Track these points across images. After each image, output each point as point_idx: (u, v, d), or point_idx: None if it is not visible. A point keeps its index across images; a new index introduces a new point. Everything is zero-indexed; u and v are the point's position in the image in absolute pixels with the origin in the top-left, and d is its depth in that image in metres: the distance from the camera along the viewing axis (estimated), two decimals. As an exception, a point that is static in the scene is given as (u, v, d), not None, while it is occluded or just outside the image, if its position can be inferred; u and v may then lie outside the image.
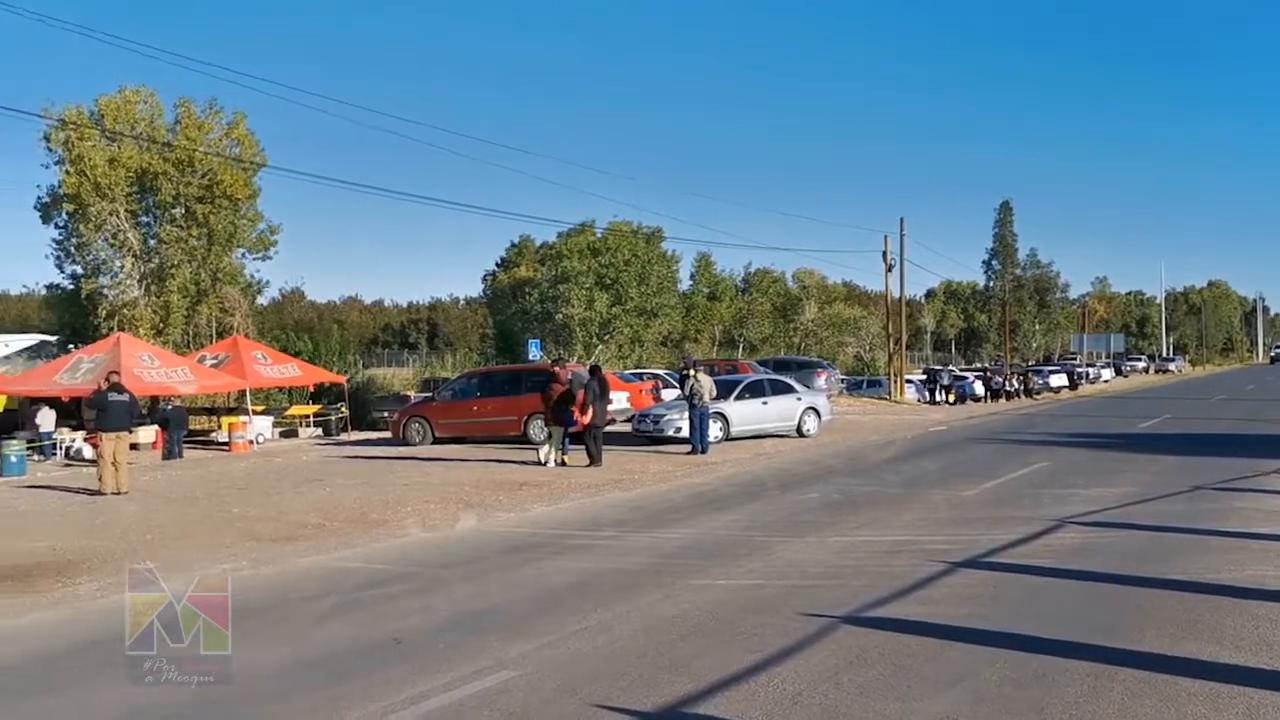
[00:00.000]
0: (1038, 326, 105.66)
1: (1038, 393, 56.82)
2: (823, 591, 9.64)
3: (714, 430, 24.84)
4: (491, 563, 11.86)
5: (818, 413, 28.14)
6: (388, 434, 29.95)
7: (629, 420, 28.33)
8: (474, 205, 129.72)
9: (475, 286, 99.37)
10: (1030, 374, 59.13)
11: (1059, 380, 62.37)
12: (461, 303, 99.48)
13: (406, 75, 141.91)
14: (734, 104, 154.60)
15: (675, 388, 32.52)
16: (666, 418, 26.07)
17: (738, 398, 26.68)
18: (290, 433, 33.08)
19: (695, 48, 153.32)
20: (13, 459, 22.75)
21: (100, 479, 18.22)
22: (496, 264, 66.27)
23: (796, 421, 27.44)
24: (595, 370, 23.26)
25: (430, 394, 31.64)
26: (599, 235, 53.29)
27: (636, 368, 43.92)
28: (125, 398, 19.05)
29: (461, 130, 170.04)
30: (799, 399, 28.07)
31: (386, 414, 33.44)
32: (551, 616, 8.96)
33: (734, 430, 26.10)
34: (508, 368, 35.48)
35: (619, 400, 28.38)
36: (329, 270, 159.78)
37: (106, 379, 19.64)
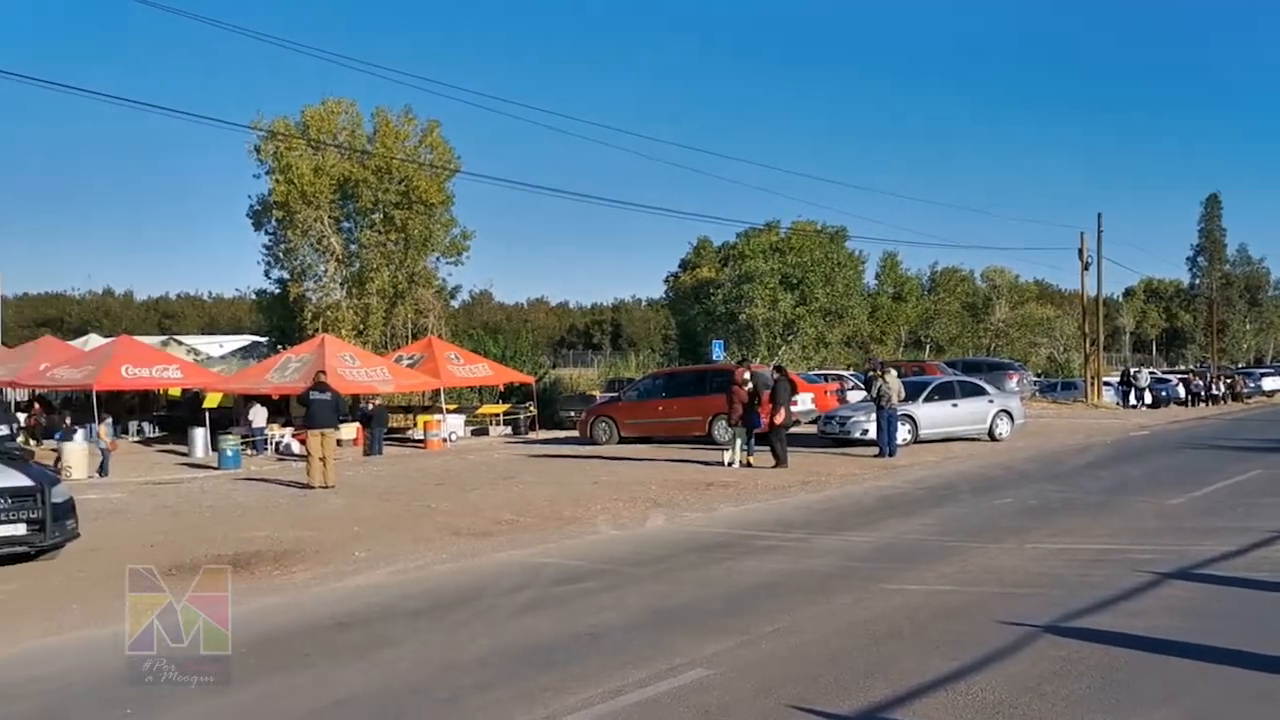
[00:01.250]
0: (1248, 326, 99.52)
1: (1248, 396, 53.64)
2: (1021, 599, 9.36)
3: (902, 433, 24.40)
4: (681, 561, 11.98)
5: (1010, 415, 27.30)
6: (574, 433, 30.50)
7: (813, 422, 28.10)
8: (657, 206, 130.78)
9: (657, 288, 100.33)
10: (1239, 377, 55.85)
11: (1272, 383, 58.69)
12: (644, 304, 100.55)
13: (591, 80, 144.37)
14: (921, 99, 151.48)
15: (860, 389, 32.07)
16: (853, 419, 25.74)
17: (926, 399, 26.12)
18: (481, 431, 34.09)
19: (880, 44, 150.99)
20: (229, 453, 24.22)
21: (309, 473, 19.21)
22: (679, 265, 66.65)
23: (988, 424, 26.68)
24: (780, 371, 23.16)
25: (616, 394, 32.09)
26: (783, 235, 53.03)
27: (821, 369, 43.51)
28: (330, 396, 20.04)
29: (645, 133, 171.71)
30: (990, 401, 27.28)
31: (573, 413, 34.08)
32: (743, 616, 8.99)
33: (922, 433, 25.57)
34: (693, 368, 35.68)
35: (804, 401, 28.18)
36: (516, 273, 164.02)
37: (314, 378, 20.70)
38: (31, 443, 25.16)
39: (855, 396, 31.30)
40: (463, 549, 12.90)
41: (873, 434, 24.13)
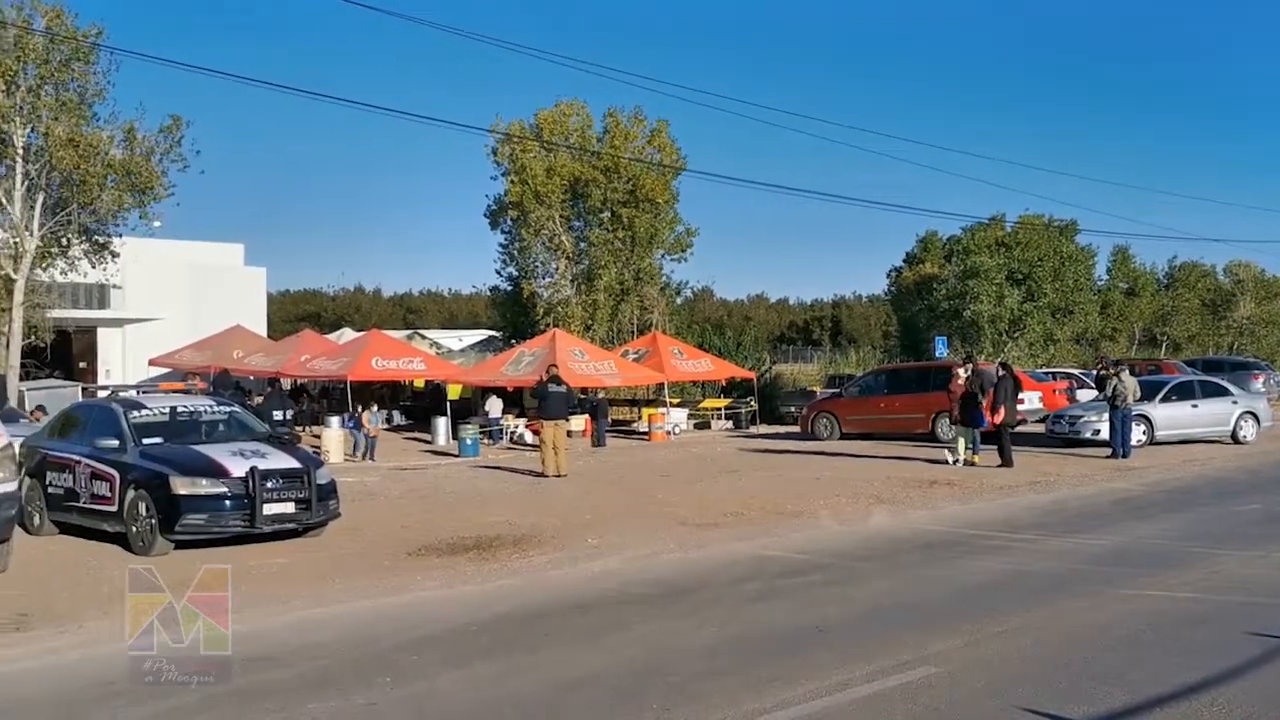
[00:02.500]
0: None
1: None
2: (1272, 611, 8.94)
3: (1136, 434, 23.32)
4: (906, 558, 11.96)
5: (1256, 417, 25.63)
6: (795, 428, 30.51)
7: (1041, 421, 27.16)
8: (878, 201, 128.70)
9: (879, 283, 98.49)
10: None
11: None
12: (864, 300, 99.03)
13: (813, 75, 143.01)
14: (1154, 88, 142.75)
15: (1090, 388, 30.78)
16: (1084, 419, 24.77)
17: (1163, 399, 24.84)
18: (703, 425, 34.48)
19: (1113, 31, 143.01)
20: (468, 441, 25.46)
21: (543, 462, 20.04)
22: (902, 260, 65.32)
23: (1231, 426, 25.14)
24: (1006, 368, 22.55)
25: (837, 390, 31.88)
26: (1009, 229, 51.25)
27: (1048, 366, 41.87)
28: (563, 389, 20.83)
29: (868, 126, 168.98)
30: (1234, 402, 25.68)
31: (794, 409, 34.04)
32: (970, 616, 8.94)
33: (1158, 434, 24.33)
34: (916, 365, 35.02)
35: (1031, 400, 27.24)
36: (737, 269, 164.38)
37: (547, 371, 21.56)
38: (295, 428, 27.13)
39: (1085, 395, 30.02)
40: (689, 539, 13.23)
41: (1104, 434, 23.16)
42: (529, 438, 28.04)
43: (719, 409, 35.25)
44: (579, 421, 29.34)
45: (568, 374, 26.91)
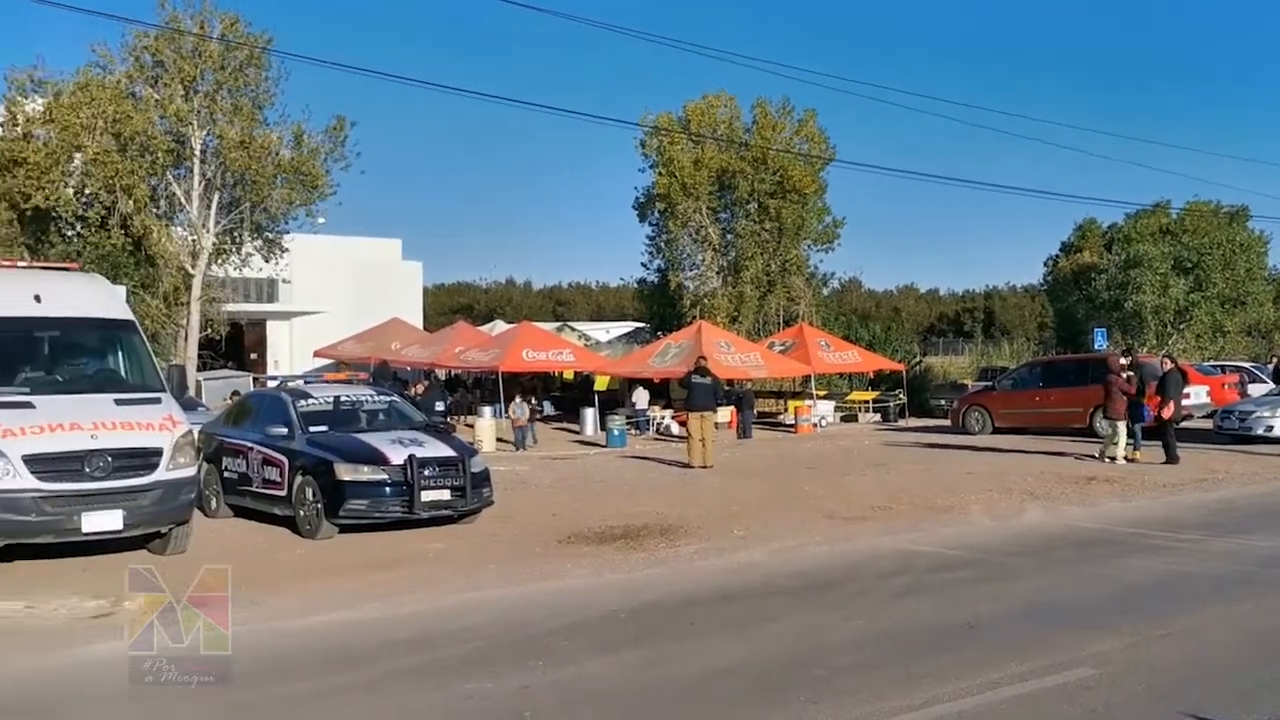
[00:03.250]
0: None
1: None
2: None
3: (1317, 431, 22.12)
4: (1062, 555, 11.65)
5: None
6: (945, 421, 29.90)
7: (1208, 416, 25.99)
8: (1032, 189, 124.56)
9: (1034, 273, 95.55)
10: None
11: None
12: (1019, 290, 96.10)
13: (966, 60, 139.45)
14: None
15: (1262, 381, 29.30)
16: (1256, 415, 23.61)
17: (1350, 394, 23.49)
18: (850, 417, 34.12)
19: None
20: (616, 432, 25.79)
21: (689, 453, 20.15)
22: (1059, 249, 63.14)
23: None
24: (1171, 361, 21.66)
25: (989, 383, 31.13)
26: (1174, 216, 49.12)
27: (1217, 359, 40.01)
28: (708, 381, 20.90)
29: (1019, 111, 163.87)
30: None
31: (944, 402, 33.38)
32: (1130, 616, 8.68)
33: (1343, 432, 23.00)
34: (1073, 357, 33.90)
35: (1197, 394, 26.10)
36: (886, 259, 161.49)
37: (695, 363, 21.68)
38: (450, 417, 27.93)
39: (1257, 390, 28.58)
40: (836, 532, 13.14)
41: (1279, 431, 22.06)
42: (675, 429, 28.21)
43: (866, 402, 34.84)
44: (725, 413, 29.38)
45: (714, 366, 26.98)
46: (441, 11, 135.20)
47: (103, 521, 10.39)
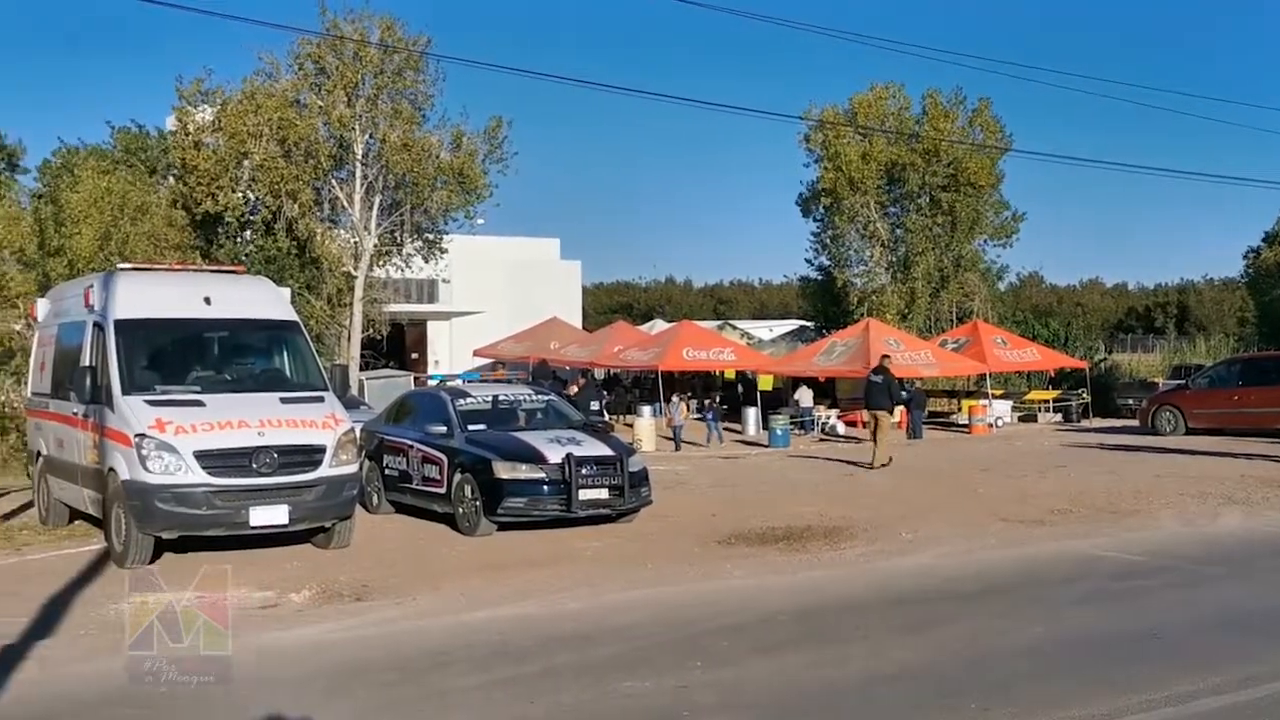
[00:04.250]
0: None
1: None
2: None
3: None
4: (1263, 564, 10.83)
5: None
6: (1132, 422, 28.47)
7: None
8: (1232, 176, 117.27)
9: (1233, 265, 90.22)
10: None
11: None
12: (1216, 283, 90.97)
13: (1147, 43, 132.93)
14: None
15: None
16: None
17: None
18: (1029, 417, 32.83)
19: None
20: (779, 431, 25.36)
21: (874, 453, 19.51)
22: (1261, 238, 59.38)
23: None
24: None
25: (1182, 381, 29.45)
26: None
27: None
28: (880, 379, 20.31)
29: (1219, 95, 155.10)
30: None
31: (1131, 401, 31.77)
32: (1344, 631, 7.90)
33: None
34: (1276, 354, 31.75)
35: None
36: (1069, 252, 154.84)
37: (878, 361, 21.12)
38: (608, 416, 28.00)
39: None
40: (1011, 536, 12.53)
41: None
42: (841, 429, 27.68)
43: (1047, 401, 33.41)
44: (895, 413, 28.62)
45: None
46: (599, 7, 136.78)
47: (269, 516, 10.67)
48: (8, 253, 27.15)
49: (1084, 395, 32.09)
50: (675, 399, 26.56)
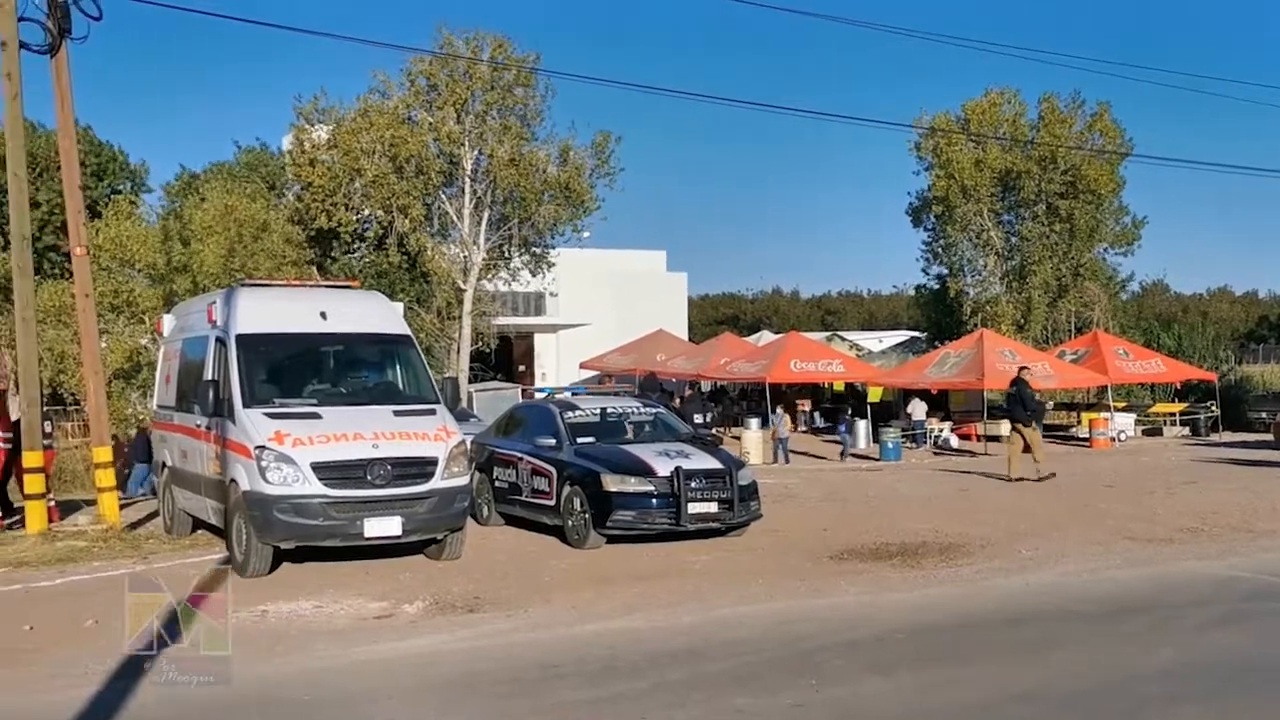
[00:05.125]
0: None
1: None
2: None
3: None
4: None
5: None
6: (1265, 436, 27.35)
7: None
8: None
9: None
10: None
11: None
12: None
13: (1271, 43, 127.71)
14: None
15: None
16: None
17: None
18: (1153, 431, 31.74)
19: None
20: (890, 445, 24.95)
21: (1011, 466, 19.00)
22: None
23: None
24: None
25: (1319, 393, 28.18)
26: None
27: None
28: (1014, 390, 19.78)
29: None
30: None
31: (1265, 414, 30.49)
32: None
33: None
34: None
35: None
36: (1195, 260, 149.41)
37: (1016, 373, 20.62)
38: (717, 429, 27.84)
39: None
40: (1137, 555, 12.06)
41: None
42: (954, 442, 27.14)
43: (1172, 414, 32.26)
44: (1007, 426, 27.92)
45: (996, 376, 25.68)
46: (703, 18, 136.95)
47: (383, 527, 10.81)
48: (137, 269, 28.18)
49: (1213, 408, 30.91)
50: (778, 411, 26.31)
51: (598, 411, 14.48)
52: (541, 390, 35.67)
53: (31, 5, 13.43)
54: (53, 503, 13.97)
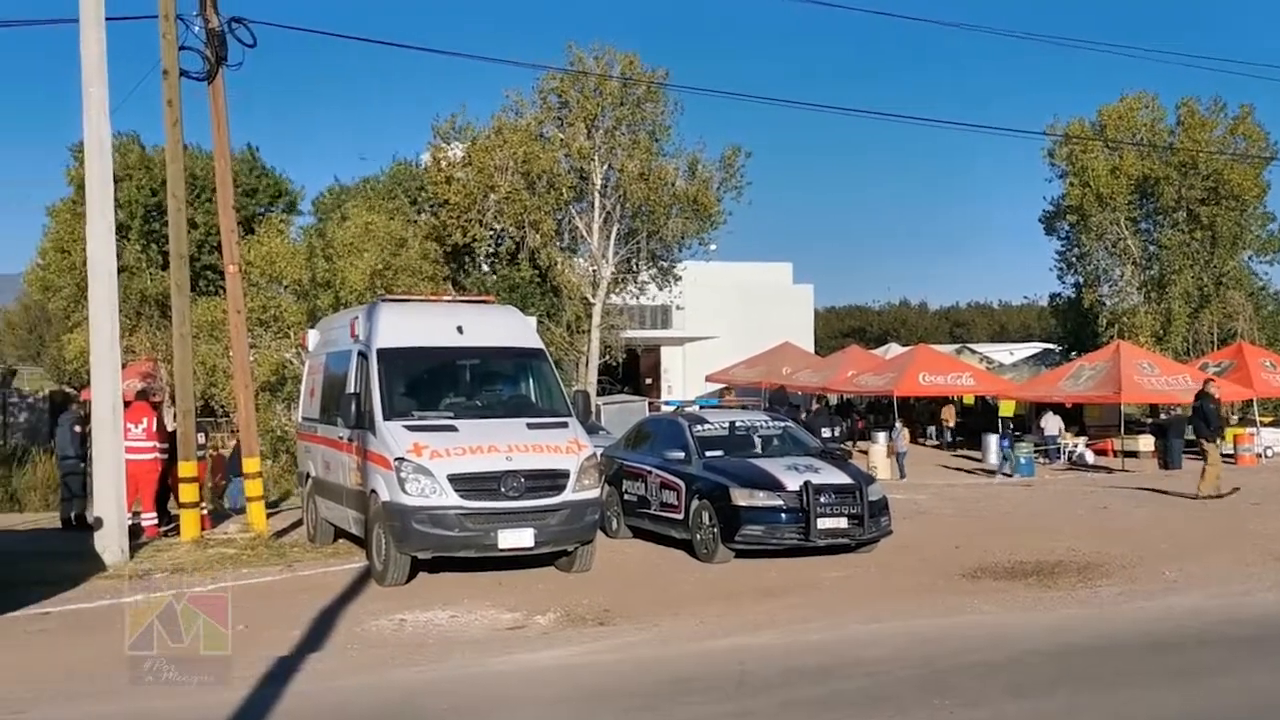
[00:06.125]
0: None
1: None
2: None
3: None
4: None
5: None
6: None
7: None
8: None
9: None
10: None
11: None
12: None
13: None
14: None
15: None
16: None
17: None
18: (1306, 447, 30.29)
19: None
20: (1023, 460, 24.40)
21: (1202, 482, 18.35)
22: None
23: None
24: None
25: None
26: None
27: None
28: (1197, 404, 19.06)
29: None
30: None
31: None
32: None
33: None
34: None
35: None
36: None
37: (1201, 386, 19.98)
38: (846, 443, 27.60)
39: None
40: (1288, 579, 11.55)
41: None
42: (1089, 458, 26.44)
43: (1327, 430, 30.74)
44: (1148, 441, 27.05)
45: (1132, 388, 24.92)
46: (829, 30, 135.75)
47: (516, 539, 10.98)
48: (284, 285, 29.22)
49: (1373, 423, 29.42)
50: (897, 425, 25.95)
51: (726, 425, 14.48)
52: (669, 403, 35.81)
53: (191, 35, 14.06)
54: (205, 511, 14.56)
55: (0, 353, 63.47)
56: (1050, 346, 48.23)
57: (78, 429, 14.86)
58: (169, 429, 14.73)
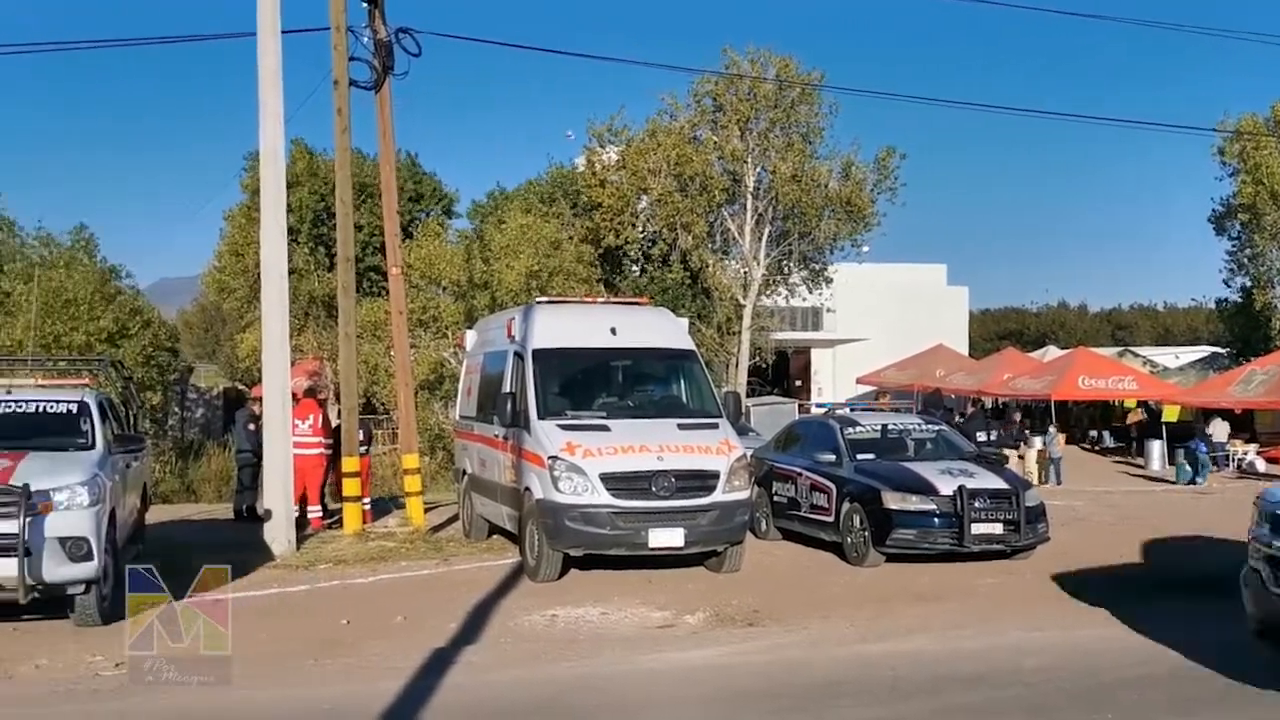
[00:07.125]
0: None
1: None
2: None
3: None
4: None
5: None
6: None
7: None
8: None
9: None
10: None
11: None
12: None
13: None
14: None
15: None
16: None
17: None
18: None
19: None
20: (1188, 467, 23.45)
21: None
22: None
23: None
24: None
25: None
26: None
27: None
28: None
29: None
30: None
31: None
32: None
33: None
34: None
35: None
36: None
37: None
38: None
39: None
40: None
41: None
42: (1260, 466, 25.29)
43: None
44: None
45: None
46: (988, 30, 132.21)
47: (667, 538, 11.09)
48: (442, 286, 30.14)
49: None
50: (1051, 430, 25.22)
51: (878, 428, 14.37)
52: (819, 405, 35.57)
53: (359, 45, 14.60)
54: (367, 505, 15.12)
55: (179, 351, 67.23)
56: (1219, 350, 46.19)
57: (251, 425, 15.56)
58: (333, 425, 15.32)
